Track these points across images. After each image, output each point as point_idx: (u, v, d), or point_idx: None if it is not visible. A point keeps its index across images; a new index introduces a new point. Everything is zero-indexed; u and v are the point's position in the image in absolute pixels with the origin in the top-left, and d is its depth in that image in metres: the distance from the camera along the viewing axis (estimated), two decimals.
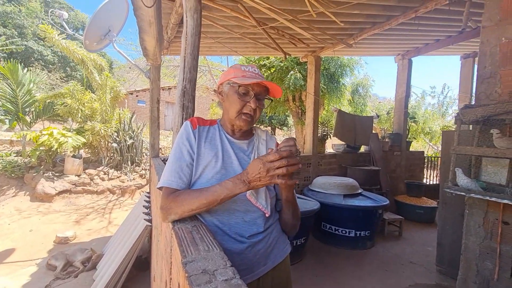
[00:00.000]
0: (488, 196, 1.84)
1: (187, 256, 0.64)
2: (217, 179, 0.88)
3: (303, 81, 6.19)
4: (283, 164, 0.73)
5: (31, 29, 15.79)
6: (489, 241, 2.16)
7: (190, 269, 0.58)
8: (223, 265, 0.60)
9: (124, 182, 6.39)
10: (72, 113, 6.47)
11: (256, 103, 0.93)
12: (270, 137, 1.06)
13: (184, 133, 0.95)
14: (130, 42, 12.39)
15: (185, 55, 1.23)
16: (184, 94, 1.23)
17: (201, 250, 0.68)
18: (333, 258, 3.13)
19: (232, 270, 0.57)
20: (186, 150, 0.92)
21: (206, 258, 0.63)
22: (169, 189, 0.88)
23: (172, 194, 0.87)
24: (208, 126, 1.00)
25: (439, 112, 13.21)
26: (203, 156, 0.92)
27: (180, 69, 1.25)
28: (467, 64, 5.59)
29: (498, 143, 1.82)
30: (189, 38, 1.22)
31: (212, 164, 0.91)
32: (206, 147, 0.94)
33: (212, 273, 0.56)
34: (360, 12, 2.90)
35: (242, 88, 0.92)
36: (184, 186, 0.89)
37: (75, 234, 4.00)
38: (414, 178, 5.37)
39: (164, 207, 0.86)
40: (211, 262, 0.61)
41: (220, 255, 0.65)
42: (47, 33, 5.63)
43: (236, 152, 0.97)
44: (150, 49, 2.59)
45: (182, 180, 0.89)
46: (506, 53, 2.14)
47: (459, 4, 2.84)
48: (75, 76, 16.34)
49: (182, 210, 0.84)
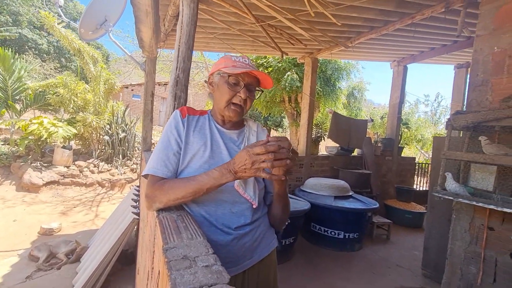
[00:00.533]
0: (475, 201, 1.86)
1: (169, 243, 0.62)
2: (205, 168, 0.87)
3: (299, 82, 6.21)
4: (269, 158, 0.72)
5: (27, 17, 15.44)
6: (474, 246, 2.19)
7: (171, 255, 0.56)
8: (205, 252, 0.58)
9: (114, 175, 6.30)
10: (64, 103, 6.34)
11: (246, 93, 0.92)
12: (261, 129, 1.05)
13: (173, 122, 0.94)
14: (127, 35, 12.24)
15: (180, 44, 1.21)
16: (177, 84, 1.21)
17: (184, 238, 0.66)
18: (322, 259, 3.13)
19: (213, 258, 0.56)
20: (174, 139, 0.91)
21: (188, 245, 0.62)
22: (154, 177, 0.87)
23: (158, 182, 0.85)
24: (198, 116, 0.99)
25: (432, 120, 13.43)
26: (191, 145, 0.91)
27: (174, 58, 1.23)
28: (460, 73, 5.69)
29: (487, 149, 1.85)
30: (185, 27, 1.20)
31: (200, 153, 0.90)
32: (195, 136, 0.93)
33: (193, 259, 0.55)
34: (358, 15, 2.92)
35: (232, 78, 0.91)
36: (170, 175, 0.88)
37: (60, 226, 3.91)
38: (404, 183, 5.43)
39: (149, 195, 0.84)
40: (193, 249, 0.59)
41: (203, 243, 0.63)
42: (47, 20, 5.50)
43: (226, 142, 0.95)
44: (146, 40, 2.55)
45: (168, 168, 0.88)
46: (498, 62, 2.18)
47: (455, 13, 2.89)
48: (70, 67, 16.04)
49: (167, 199, 0.83)
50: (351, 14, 2.86)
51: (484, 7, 2.29)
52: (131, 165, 6.85)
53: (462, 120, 2.02)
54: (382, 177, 5.01)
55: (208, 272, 0.50)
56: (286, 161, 0.74)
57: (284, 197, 0.97)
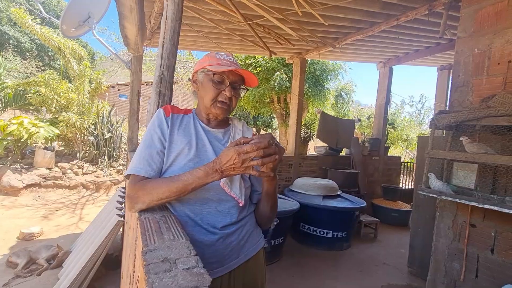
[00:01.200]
0: (458, 198, 1.91)
1: (149, 245, 0.59)
2: (190, 167, 0.85)
3: (288, 82, 6.24)
4: (259, 155, 0.71)
5: (7, 14, 14.82)
6: (457, 243, 2.25)
7: (150, 257, 0.53)
8: (187, 254, 0.56)
9: (99, 177, 6.12)
10: (45, 103, 6.10)
11: (231, 92, 0.91)
12: (247, 128, 1.04)
13: (156, 120, 0.91)
14: (113, 33, 11.88)
15: (164, 40, 1.18)
16: (161, 81, 1.17)
17: (165, 239, 0.64)
18: (310, 259, 3.15)
19: (195, 259, 0.54)
20: (157, 137, 0.88)
21: (169, 247, 0.59)
22: (137, 176, 0.84)
23: (140, 182, 0.82)
24: (182, 114, 0.97)
25: (416, 121, 13.81)
26: (176, 143, 0.89)
27: (158, 55, 1.20)
28: (443, 75, 5.87)
29: (469, 148, 1.90)
30: (169, 23, 1.17)
31: (185, 151, 0.88)
32: (179, 134, 0.91)
33: (173, 261, 0.52)
34: (344, 16, 2.96)
35: (217, 76, 0.90)
36: (154, 174, 0.85)
37: (41, 230, 3.75)
38: (390, 182, 5.54)
39: (131, 195, 0.82)
40: (175, 251, 0.57)
41: (185, 244, 0.61)
42: (18, 17, 5.26)
43: (211, 140, 0.94)
44: (131, 37, 2.48)
45: (151, 167, 0.85)
46: (478, 63, 2.25)
47: (438, 16, 2.98)
48: (53, 66, 15.51)
49: (150, 199, 0.80)
50: (337, 14, 2.89)
51: (465, 10, 2.36)
52: (117, 166, 6.68)
53: (445, 120, 2.07)
54: (369, 176, 5.10)
55: (189, 275, 0.48)
56: (275, 156, 0.73)
57: (273, 196, 0.96)
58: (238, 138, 0.76)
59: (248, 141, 0.73)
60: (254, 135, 0.93)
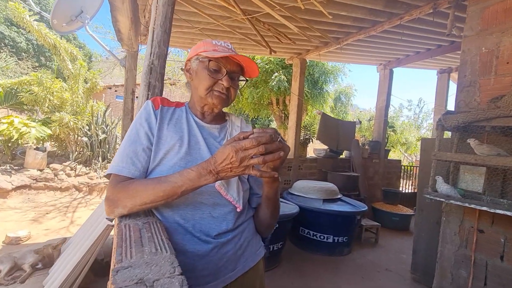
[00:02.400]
0: (468, 203, 1.81)
1: (123, 261, 0.47)
2: (180, 166, 0.74)
3: (287, 83, 6.15)
4: (260, 151, 0.60)
5: (3, 14, 14.64)
6: (464, 249, 2.15)
7: (121, 278, 0.41)
8: (170, 273, 0.44)
9: (93, 179, 5.95)
10: (38, 102, 5.94)
11: (229, 82, 0.79)
12: (245, 125, 0.93)
13: (144, 113, 0.80)
14: (108, 31, 11.63)
15: (155, 26, 1.07)
16: (151, 71, 1.06)
17: (145, 252, 0.52)
18: (310, 264, 3.02)
19: (179, 280, 0.42)
20: (143, 132, 0.77)
21: (149, 263, 0.47)
22: (119, 176, 0.73)
23: (121, 183, 0.71)
24: (173, 107, 0.86)
25: (414, 125, 13.81)
26: (165, 139, 0.78)
27: (148, 43, 1.09)
28: (443, 78, 5.83)
29: (479, 150, 1.81)
30: (160, 8, 1.06)
31: (175, 149, 0.77)
32: (169, 129, 0.80)
33: (151, 284, 0.40)
34: (347, 14, 2.88)
35: (213, 64, 0.79)
36: (138, 174, 0.74)
37: (29, 234, 3.58)
38: (391, 185, 5.45)
39: (110, 198, 0.70)
40: (155, 269, 0.45)
41: (170, 259, 0.49)
42: (16, 11, 5.12)
43: (206, 137, 0.83)
44: (125, 32, 2.37)
45: (135, 166, 0.74)
46: (486, 63, 2.17)
47: (442, 15, 2.90)
48: (50, 67, 15.29)
49: (133, 203, 0.68)
50: (340, 12, 2.81)
51: (471, 8, 2.29)
52: None
53: (453, 120, 1.98)
54: (369, 179, 5.00)
55: None
56: (280, 153, 0.61)
57: (274, 200, 0.84)
58: (237, 134, 0.64)
59: (248, 135, 0.62)
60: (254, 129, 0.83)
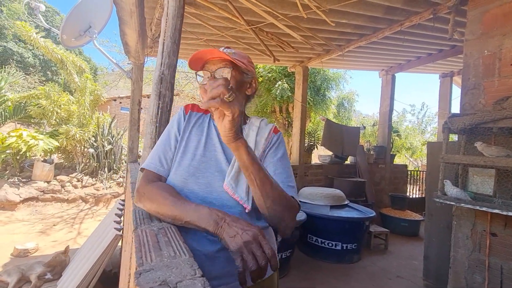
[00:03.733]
0: (479, 205, 1.79)
1: (144, 265, 0.48)
2: (194, 166, 0.81)
3: (290, 92, 6.20)
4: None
5: (12, 30, 15.12)
6: (477, 253, 2.11)
7: (145, 280, 0.42)
8: (191, 275, 0.45)
9: (99, 190, 5.98)
10: (46, 115, 6.07)
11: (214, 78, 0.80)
12: (265, 124, 0.91)
13: (176, 117, 0.91)
14: (114, 44, 11.96)
15: (165, 38, 1.11)
16: (162, 81, 1.09)
17: (164, 256, 0.53)
18: (320, 273, 2.97)
19: (201, 282, 0.43)
20: (173, 134, 0.87)
21: (169, 266, 0.48)
22: (149, 172, 0.83)
23: (151, 184, 0.78)
24: (201, 114, 0.92)
25: (418, 129, 13.72)
26: (187, 142, 0.86)
27: (158, 54, 1.13)
28: (445, 82, 5.83)
29: (487, 151, 1.80)
30: (170, 20, 1.10)
31: (192, 150, 0.84)
32: (191, 133, 0.87)
33: (174, 285, 0.41)
34: (348, 21, 2.93)
35: (198, 77, 0.85)
36: (163, 170, 0.83)
37: (37, 246, 3.60)
38: (397, 191, 5.39)
39: (139, 191, 0.79)
40: (175, 271, 0.46)
41: (189, 262, 0.50)
42: (23, 29, 5.31)
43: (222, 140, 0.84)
44: (132, 44, 2.44)
45: (162, 164, 0.83)
46: (489, 65, 2.19)
47: (442, 20, 2.94)
48: (56, 81, 15.62)
49: (149, 207, 0.76)
50: (341, 20, 2.85)
51: (471, 12, 2.32)
52: (117, 179, 6.56)
53: (459, 123, 1.97)
54: (376, 185, 4.96)
55: None
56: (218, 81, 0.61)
57: (252, 169, 0.68)
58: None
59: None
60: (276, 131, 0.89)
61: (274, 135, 0.89)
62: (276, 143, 0.88)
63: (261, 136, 0.87)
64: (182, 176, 0.80)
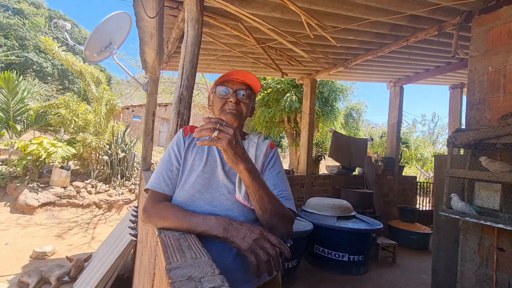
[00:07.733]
0: (483, 220, 1.81)
1: (172, 263, 0.59)
2: (199, 183, 0.88)
3: (298, 103, 6.32)
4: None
5: (33, 42, 16.00)
6: (485, 268, 2.11)
7: (174, 275, 0.53)
8: (211, 273, 0.55)
9: (112, 196, 6.18)
10: (64, 124, 6.38)
11: (236, 97, 0.93)
12: (262, 140, 1.02)
13: (176, 139, 0.97)
14: (130, 57, 12.59)
15: (184, 63, 1.24)
16: (181, 101, 1.22)
17: (188, 257, 0.63)
18: (326, 284, 2.99)
19: (220, 278, 0.52)
20: (174, 155, 0.93)
21: (192, 265, 0.58)
22: (154, 192, 0.88)
23: (158, 204, 0.85)
24: None
25: (429, 140, 13.51)
26: (189, 161, 0.93)
27: (178, 76, 1.26)
28: (455, 94, 5.81)
29: (491, 167, 1.83)
30: (189, 47, 1.24)
31: (195, 168, 0.91)
32: (193, 152, 0.94)
33: (198, 280, 0.51)
34: (354, 38, 3.04)
35: (220, 88, 0.94)
36: (168, 190, 0.89)
37: (54, 249, 3.76)
38: (406, 203, 5.33)
39: (146, 210, 0.85)
40: (198, 269, 0.56)
41: (208, 262, 0.60)
42: (47, 44, 5.69)
43: (223, 157, 0.94)
44: (150, 61, 2.62)
45: (166, 183, 0.89)
46: (494, 81, 2.23)
47: (448, 36, 3.01)
48: (72, 89, 16.33)
49: (161, 224, 0.83)
50: (347, 37, 2.97)
51: (475, 30, 2.38)
52: (129, 186, 6.75)
53: (463, 138, 2.02)
54: (384, 196, 4.93)
55: None
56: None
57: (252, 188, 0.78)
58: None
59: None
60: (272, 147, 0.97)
61: (270, 151, 1.00)
62: (273, 158, 0.99)
63: (260, 151, 0.97)
64: (188, 192, 0.86)
